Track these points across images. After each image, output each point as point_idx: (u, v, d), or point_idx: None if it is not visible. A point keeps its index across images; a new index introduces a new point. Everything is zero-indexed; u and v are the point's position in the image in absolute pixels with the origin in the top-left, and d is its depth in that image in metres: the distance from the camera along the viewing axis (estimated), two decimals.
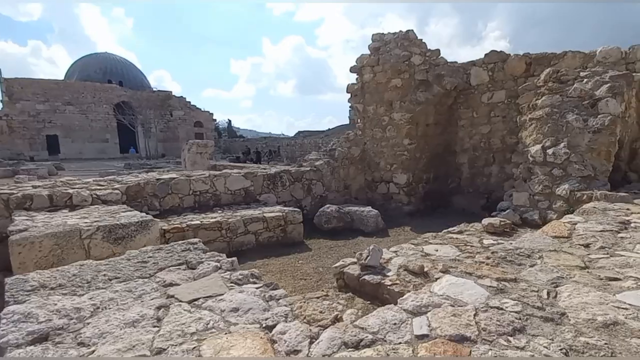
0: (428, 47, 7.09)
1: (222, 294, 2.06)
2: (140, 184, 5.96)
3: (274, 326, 1.66)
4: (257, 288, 2.15)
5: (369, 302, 2.85)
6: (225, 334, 1.64)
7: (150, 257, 2.79)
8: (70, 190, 5.17)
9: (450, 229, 4.22)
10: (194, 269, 2.58)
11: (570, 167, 4.11)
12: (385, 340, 1.45)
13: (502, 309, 1.61)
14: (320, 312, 1.70)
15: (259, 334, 1.60)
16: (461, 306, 1.66)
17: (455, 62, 7.04)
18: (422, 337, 1.46)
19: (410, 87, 6.96)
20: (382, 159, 7.42)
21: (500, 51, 6.36)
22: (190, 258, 2.76)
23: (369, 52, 7.85)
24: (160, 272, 2.53)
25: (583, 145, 4.16)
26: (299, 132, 33.88)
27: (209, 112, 45.33)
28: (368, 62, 7.59)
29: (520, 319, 1.52)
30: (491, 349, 1.34)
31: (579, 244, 2.46)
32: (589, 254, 2.27)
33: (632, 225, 2.85)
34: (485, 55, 6.56)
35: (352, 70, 8.08)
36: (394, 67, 7.08)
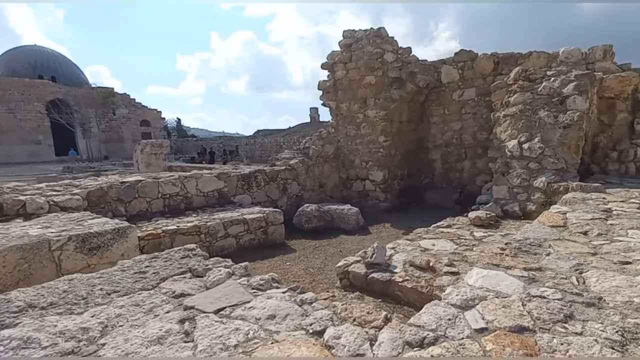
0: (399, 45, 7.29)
1: (249, 301, 1.96)
2: (103, 188, 5.50)
3: (322, 331, 1.59)
4: (284, 293, 2.07)
5: (379, 300, 2.86)
6: (272, 343, 1.55)
7: (148, 266, 2.58)
8: (22, 197, 4.64)
9: (438, 224, 4.36)
10: (201, 276, 2.43)
11: (545, 160, 4.44)
12: (447, 337, 1.46)
13: (544, 297, 1.68)
14: (368, 312, 1.67)
15: (310, 341, 1.54)
16: (505, 297, 1.71)
17: (426, 60, 7.31)
18: (481, 331, 1.48)
19: (383, 85, 7.11)
20: (357, 156, 7.51)
21: (470, 50, 6.71)
22: (194, 265, 2.59)
23: (339, 49, 7.90)
24: (164, 283, 2.35)
25: (555, 140, 4.52)
26: (259, 131, 33.21)
27: (156, 110, 43.08)
28: (340, 59, 7.63)
29: (565, 306, 1.60)
30: (554, 337, 1.39)
31: (578, 232, 2.66)
32: (591, 241, 2.46)
33: (615, 212, 3.13)
34: (455, 54, 6.88)
35: (323, 66, 8.08)
36: (367, 64, 7.19)
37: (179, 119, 63.64)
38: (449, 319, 1.56)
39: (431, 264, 3.00)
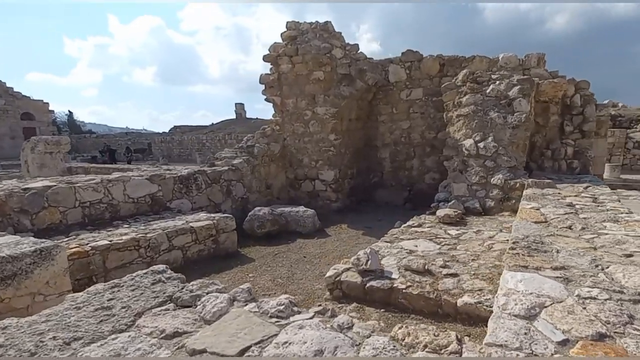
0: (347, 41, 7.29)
1: (276, 335, 1.63)
2: (0, 197, 4.42)
3: None
4: (311, 318, 1.77)
5: (382, 310, 2.71)
6: None
7: (111, 299, 2.05)
8: None
9: (409, 223, 4.40)
10: (189, 306, 2.01)
11: (500, 159, 4.79)
12: (536, 354, 1.35)
13: (596, 298, 1.69)
14: (435, 335, 1.49)
15: None
16: (560, 302, 1.68)
17: (372, 58, 7.41)
18: (564, 343, 1.41)
19: (332, 81, 7.02)
20: (306, 155, 7.30)
21: (416, 51, 6.99)
22: (174, 292, 2.14)
23: (281, 41, 7.63)
24: (143, 319, 1.88)
25: (505, 139, 4.90)
26: (176, 127, 30.53)
27: (42, 101, 37.19)
28: (285, 52, 7.33)
29: (618, 305, 1.62)
30: (637, 341, 1.37)
31: (563, 227, 2.84)
32: (581, 236, 2.63)
33: (577, 206, 3.45)
34: (402, 54, 7.11)
35: (265, 59, 7.68)
36: (315, 59, 7.01)
37: (70, 112, 55.92)
38: (525, 333, 1.46)
39: (426, 267, 2.96)
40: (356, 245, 5.19)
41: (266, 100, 7.79)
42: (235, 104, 29.18)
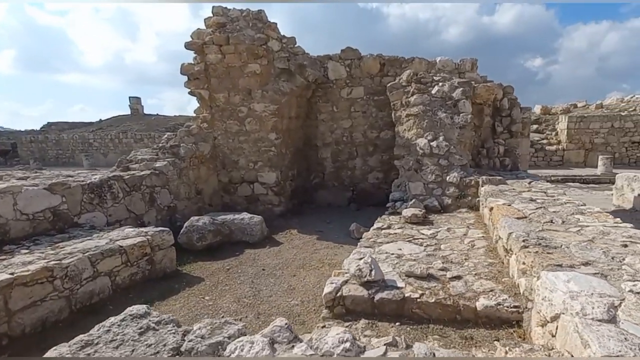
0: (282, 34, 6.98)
1: None
2: None
3: None
4: (384, 354, 1.50)
5: (397, 323, 2.54)
6: None
7: None
8: None
9: (378, 226, 4.34)
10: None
11: (452, 157, 5.07)
12: None
13: None
14: (510, 349, 1.37)
15: None
16: (623, 299, 1.73)
17: (309, 54, 7.24)
18: None
19: (270, 75, 6.63)
20: (242, 156, 6.76)
21: (355, 49, 7.03)
22: (179, 343, 1.66)
23: (205, 27, 6.98)
24: None
25: (454, 139, 5.21)
26: (50, 124, 25.58)
27: None
28: (214, 40, 6.69)
29: None
30: None
31: (546, 222, 3.06)
32: (568, 229, 2.86)
33: (538, 201, 3.79)
34: (342, 51, 7.08)
35: (188, 46, 6.91)
36: (250, 50, 6.54)
37: None
38: (625, 339, 1.44)
39: (428, 272, 2.90)
40: (316, 252, 4.96)
41: (190, 93, 7.01)
42: (130, 97, 26.02)
